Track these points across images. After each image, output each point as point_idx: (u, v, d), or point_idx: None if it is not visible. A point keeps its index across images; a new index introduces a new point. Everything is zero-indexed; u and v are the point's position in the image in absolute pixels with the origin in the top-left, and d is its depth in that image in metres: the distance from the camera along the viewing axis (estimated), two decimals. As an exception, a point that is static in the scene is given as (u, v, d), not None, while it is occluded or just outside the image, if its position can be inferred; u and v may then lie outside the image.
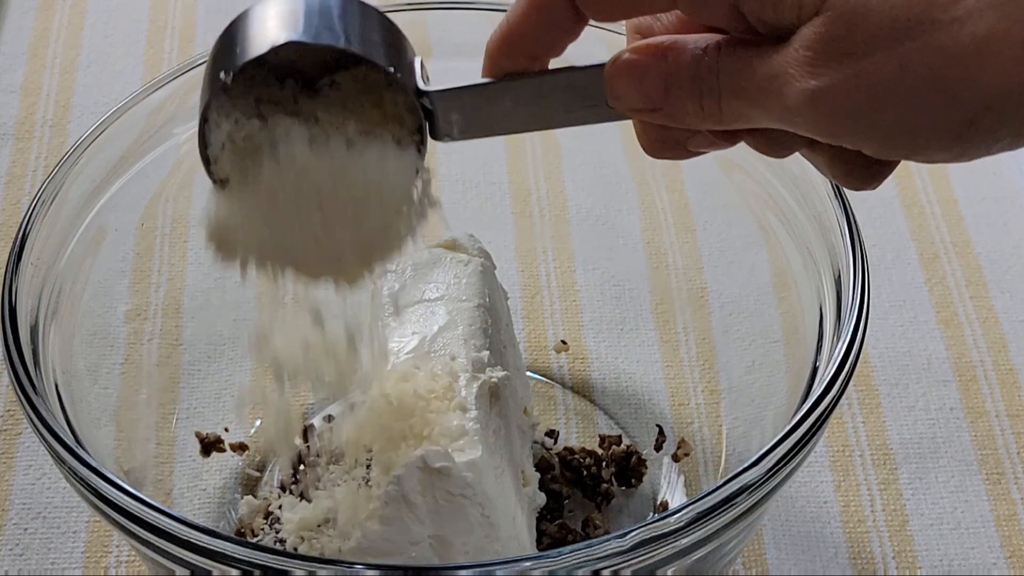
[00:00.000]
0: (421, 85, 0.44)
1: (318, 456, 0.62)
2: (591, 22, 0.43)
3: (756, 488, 0.44)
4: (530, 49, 0.44)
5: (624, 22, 0.45)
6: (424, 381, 0.53)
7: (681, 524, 0.43)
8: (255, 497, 0.61)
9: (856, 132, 0.39)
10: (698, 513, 0.43)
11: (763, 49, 0.39)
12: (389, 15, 0.45)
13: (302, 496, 0.55)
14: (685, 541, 0.43)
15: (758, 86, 0.39)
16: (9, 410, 0.66)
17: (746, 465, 0.44)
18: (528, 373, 0.66)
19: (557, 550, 0.42)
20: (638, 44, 0.42)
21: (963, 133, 0.38)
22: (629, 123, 0.44)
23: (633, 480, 0.63)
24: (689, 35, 0.42)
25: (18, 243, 0.52)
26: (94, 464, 0.45)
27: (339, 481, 0.52)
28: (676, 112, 0.42)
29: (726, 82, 0.40)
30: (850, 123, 0.38)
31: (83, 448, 0.46)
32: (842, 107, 0.38)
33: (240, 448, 0.64)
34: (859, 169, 0.42)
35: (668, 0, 0.41)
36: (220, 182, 0.45)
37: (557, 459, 0.63)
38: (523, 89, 0.44)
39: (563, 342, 0.69)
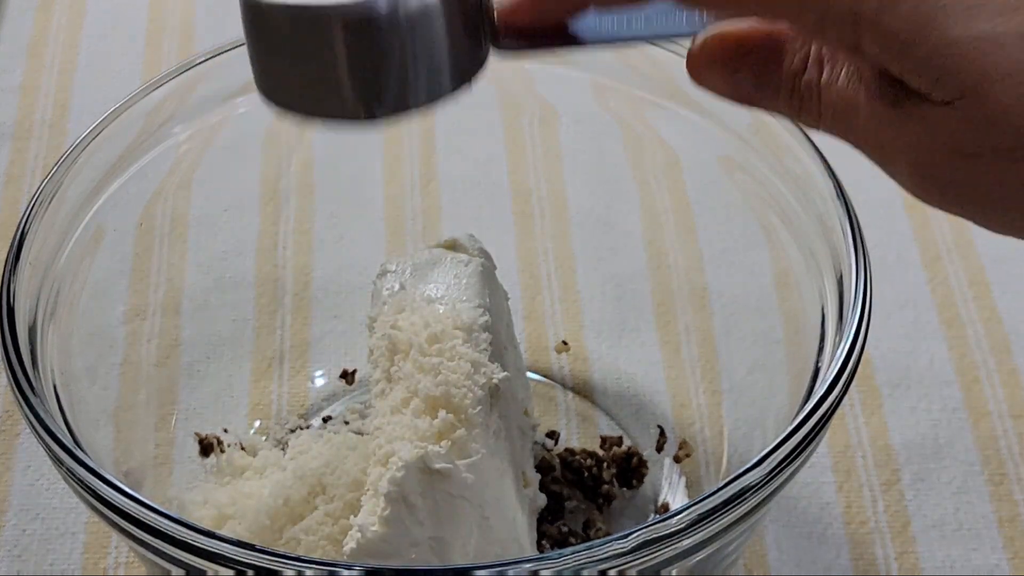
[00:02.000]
0: (493, 52, 0.41)
1: None
2: None
3: (758, 489, 0.44)
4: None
5: None
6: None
7: (683, 525, 0.42)
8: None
9: (962, 214, 0.38)
10: (700, 514, 0.43)
11: (875, 103, 0.37)
12: None
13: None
14: (687, 542, 0.43)
15: (864, 139, 0.38)
16: (7, 411, 0.66)
17: (748, 466, 0.44)
18: (529, 374, 0.66)
19: (558, 552, 0.42)
20: (725, 30, 0.39)
21: None
22: (626, 124, 0.44)
23: (634, 481, 0.63)
24: (781, 31, 0.39)
25: (16, 243, 0.51)
26: (92, 465, 0.44)
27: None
28: (768, 109, 0.40)
29: (827, 116, 0.38)
30: (957, 209, 0.38)
31: (81, 449, 0.46)
32: (955, 197, 0.38)
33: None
34: None
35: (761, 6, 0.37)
36: None
37: (558, 460, 0.63)
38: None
39: (564, 343, 0.69)
